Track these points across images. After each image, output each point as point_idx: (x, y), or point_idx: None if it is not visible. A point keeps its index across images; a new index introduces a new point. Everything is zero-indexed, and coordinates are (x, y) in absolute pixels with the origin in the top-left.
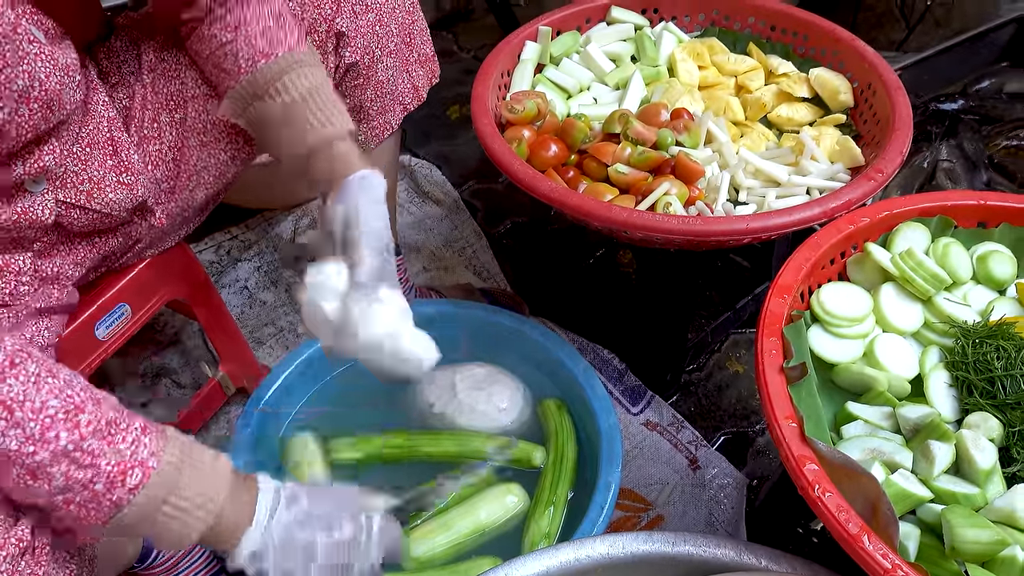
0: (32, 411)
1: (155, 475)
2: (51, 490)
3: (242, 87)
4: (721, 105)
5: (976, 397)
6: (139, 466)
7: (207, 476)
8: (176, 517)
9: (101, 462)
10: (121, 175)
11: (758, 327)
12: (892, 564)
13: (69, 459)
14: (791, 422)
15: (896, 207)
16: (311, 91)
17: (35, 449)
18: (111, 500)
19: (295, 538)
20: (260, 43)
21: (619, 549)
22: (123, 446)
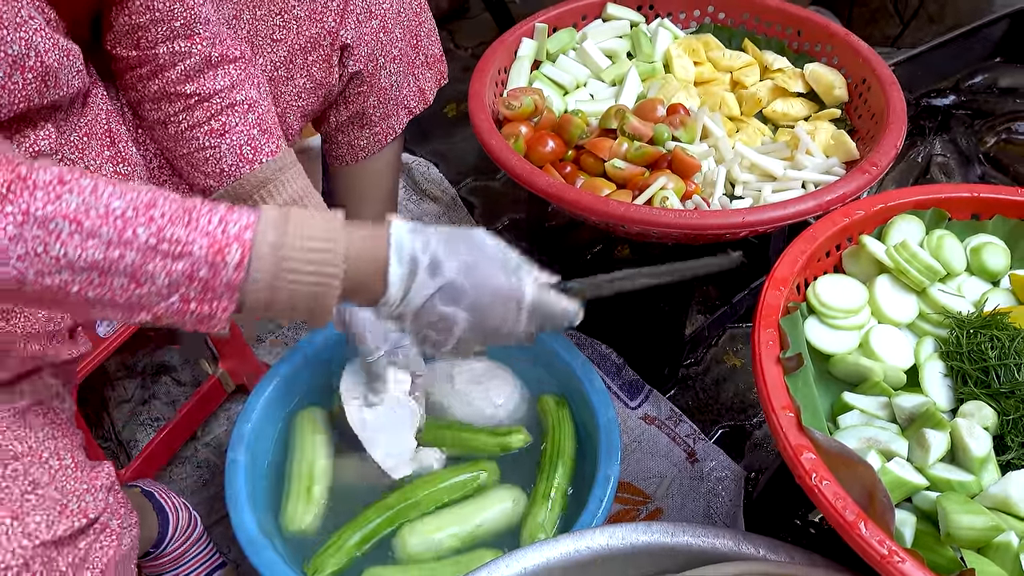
0: (99, 217)
1: (257, 242)
2: (161, 291)
3: (224, 192)
4: (717, 101)
5: (971, 386)
6: (236, 241)
7: (316, 232)
8: (299, 281)
9: (193, 248)
10: (118, 165)
11: (755, 319)
12: (888, 550)
13: (158, 253)
14: (788, 412)
15: (891, 200)
16: (297, 199)
17: (120, 252)
18: (224, 283)
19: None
20: (245, 151)
21: (618, 540)
22: (210, 227)
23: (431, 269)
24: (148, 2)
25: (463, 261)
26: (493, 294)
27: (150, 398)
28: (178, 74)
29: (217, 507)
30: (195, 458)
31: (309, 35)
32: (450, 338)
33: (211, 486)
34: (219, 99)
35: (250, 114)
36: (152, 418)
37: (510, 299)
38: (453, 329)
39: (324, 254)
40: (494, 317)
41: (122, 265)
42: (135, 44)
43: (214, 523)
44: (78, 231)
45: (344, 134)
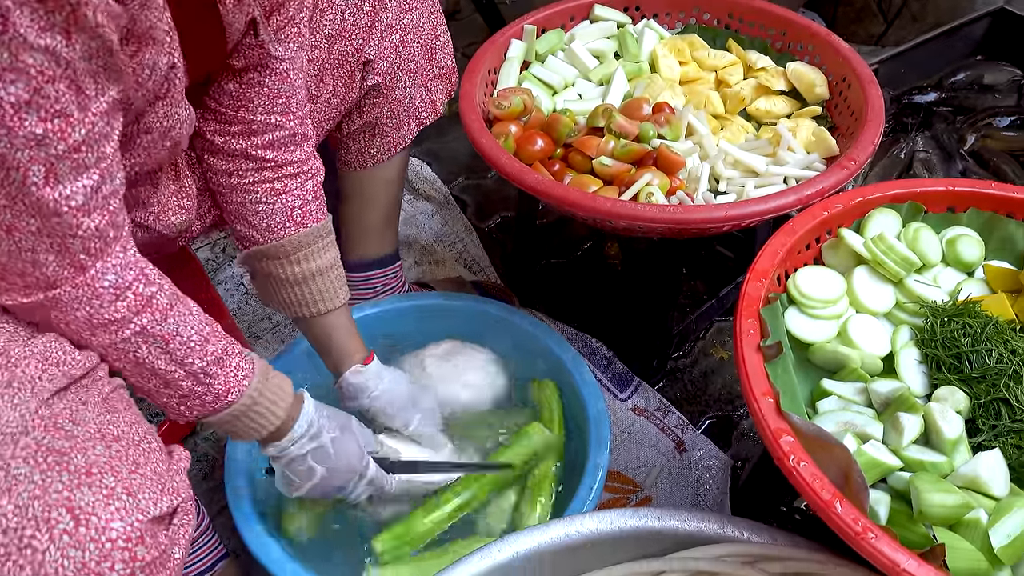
0: (180, 344)
1: (245, 395)
2: (173, 395)
3: (266, 248)
4: (701, 99)
5: (944, 372)
6: (236, 386)
7: (278, 401)
8: (247, 425)
9: (216, 383)
10: (182, 200)
11: (737, 309)
12: (862, 527)
13: (195, 378)
14: (768, 398)
15: (868, 194)
16: (326, 268)
17: (175, 369)
18: (212, 408)
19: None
20: (295, 214)
21: (607, 525)
22: (230, 371)
23: (314, 435)
24: (260, 78)
25: (336, 435)
26: (347, 464)
27: None
28: (265, 141)
29: (217, 499)
30: (195, 452)
31: (339, 52)
32: (305, 484)
33: (211, 479)
34: (291, 168)
35: (310, 182)
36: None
37: (355, 469)
38: (312, 478)
39: (271, 416)
40: (341, 478)
41: (169, 376)
42: (236, 108)
43: (214, 515)
44: (163, 348)
45: (356, 141)
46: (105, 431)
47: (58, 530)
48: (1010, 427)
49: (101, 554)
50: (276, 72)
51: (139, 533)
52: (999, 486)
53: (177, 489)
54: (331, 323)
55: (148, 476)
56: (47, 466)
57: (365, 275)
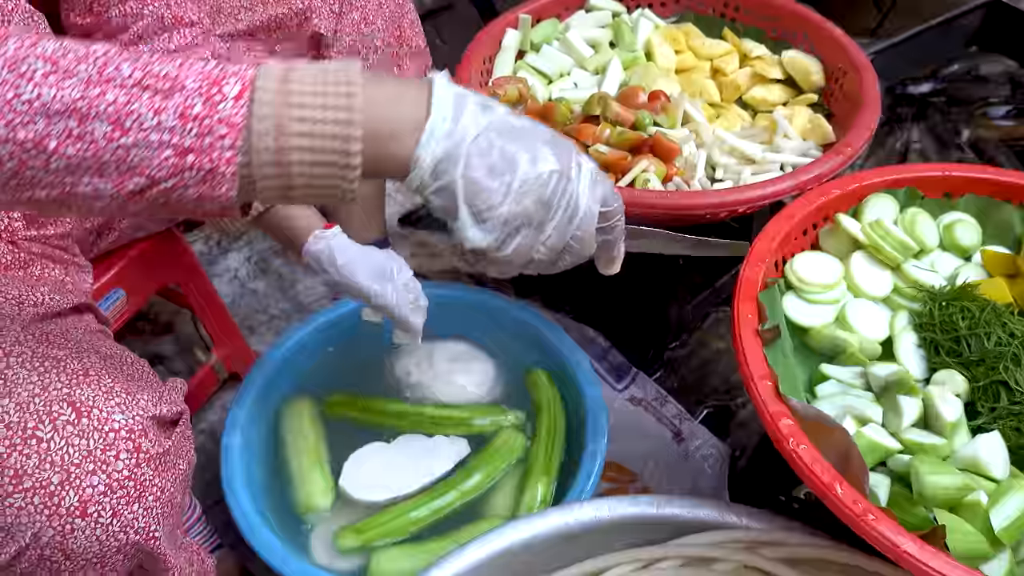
0: (77, 58)
1: (260, 78)
2: (151, 140)
3: None
4: (697, 88)
5: (943, 356)
6: (234, 76)
7: (327, 67)
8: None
9: (185, 82)
10: None
11: (734, 294)
12: (863, 508)
13: (145, 89)
14: (767, 381)
15: (865, 179)
16: None
17: (101, 89)
18: (223, 120)
19: (492, 145)
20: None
21: (606, 512)
22: (204, 66)
23: (483, 105)
24: None
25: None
26: (547, 134)
27: None
28: (129, 36)
29: (211, 492)
30: None
31: (274, 14)
32: (513, 179)
33: (206, 472)
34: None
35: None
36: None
37: (571, 152)
38: (516, 167)
39: (339, 88)
40: (557, 155)
41: (103, 104)
42: (88, 9)
43: (209, 507)
44: (54, 71)
45: None
46: (98, 348)
47: (61, 421)
48: (1009, 409)
49: (105, 443)
50: None
51: (141, 426)
52: (999, 468)
53: (175, 400)
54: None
55: (144, 385)
56: (44, 369)
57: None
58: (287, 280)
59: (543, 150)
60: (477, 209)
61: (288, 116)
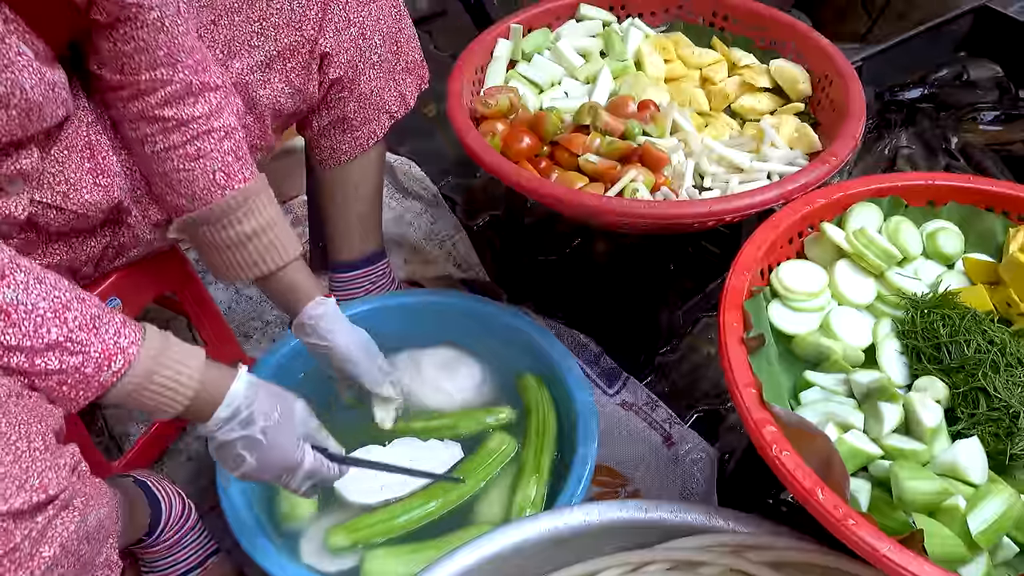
0: (25, 312)
1: (136, 361)
2: (48, 372)
3: (196, 216)
4: (686, 97)
5: (924, 363)
6: (121, 353)
7: (182, 369)
8: (153, 399)
9: (90, 349)
10: (98, 177)
11: (720, 302)
12: (843, 513)
13: (61, 348)
14: (751, 389)
15: (850, 188)
16: (266, 226)
17: (31, 343)
18: (99, 382)
19: (235, 449)
20: (219, 178)
21: (595, 516)
22: (107, 336)
23: (244, 422)
24: (132, 32)
25: (271, 423)
26: (281, 456)
27: None
28: (158, 99)
29: (208, 497)
30: (187, 450)
31: (288, 42)
32: (237, 470)
33: (202, 477)
34: (196, 125)
35: (226, 141)
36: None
37: (290, 465)
38: (241, 466)
39: (180, 388)
40: (273, 471)
41: (28, 350)
42: (119, 69)
43: (205, 512)
44: (5, 320)
45: (327, 139)
46: None
47: None
48: (988, 415)
49: None
50: (147, 23)
51: None
52: (977, 473)
53: (46, 486)
54: (285, 279)
55: (7, 474)
56: None
57: (351, 275)
58: None
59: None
60: (220, 463)
61: (141, 392)
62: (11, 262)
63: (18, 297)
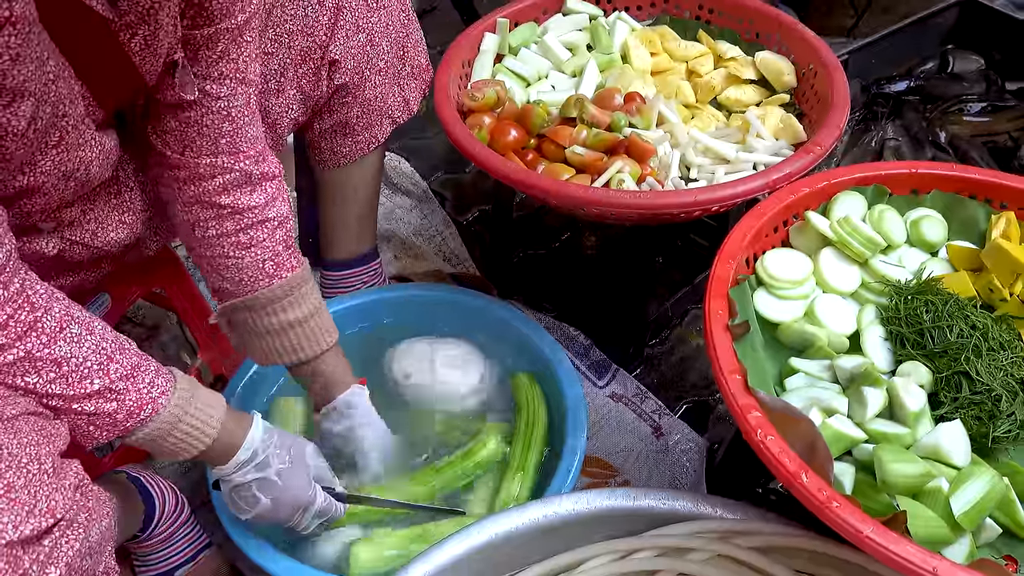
0: (75, 366)
1: (163, 411)
2: (82, 413)
3: (241, 302)
4: (673, 89)
5: (908, 348)
6: (152, 403)
7: (207, 418)
8: (174, 445)
9: (126, 398)
10: (124, 215)
11: (706, 291)
12: (827, 496)
13: (100, 396)
14: (736, 375)
15: (834, 177)
16: (309, 315)
17: (74, 392)
18: (125, 427)
19: (250, 491)
20: (268, 267)
21: (584, 505)
22: (142, 386)
23: (260, 465)
24: (198, 116)
25: (285, 466)
26: (294, 497)
27: None
28: (216, 186)
29: (200, 491)
30: None
31: (300, 48)
32: (250, 511)
33: (193, 472)
34: (252, 215)
35: (278, 231)
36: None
37: (301, 504)
38: (255, 507)
39: (201, 436)
40: (286, 511)
41: (69, 398)
42: (180, 150)
43: (197, 507)
44: (55, 371)
45: (327, 141)
46: None
47: None
48: (970, 399)
49: None
50: (214, 110)
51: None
52: (960, 456)
53: (52, 509)
54: (321, 365)
55: (18, 500)
56: None
57: (344, 273)
58: None
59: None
60: (232, 506)
61: (165, 439)
62: (66, 314)
63: (71, 351)
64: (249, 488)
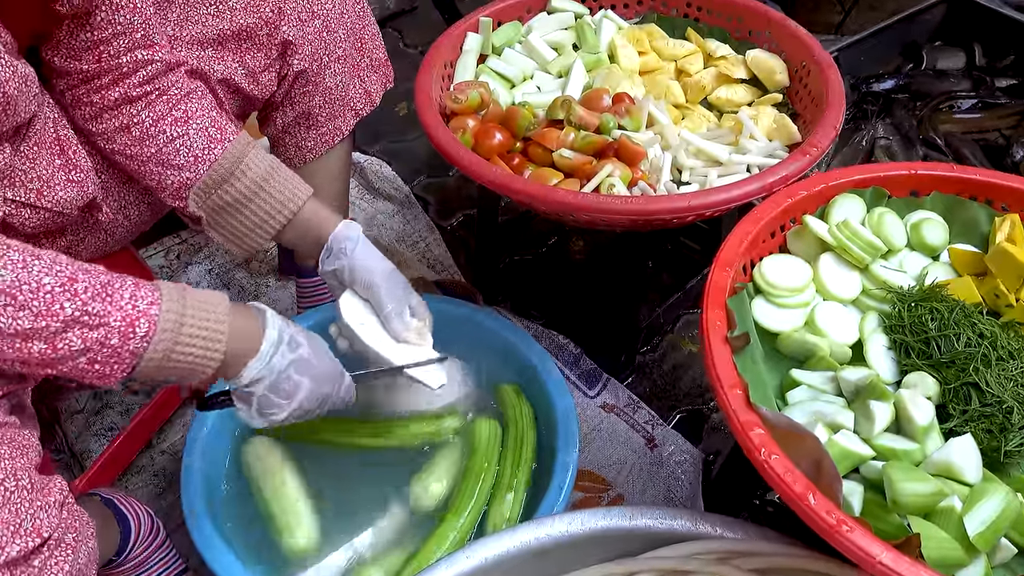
0: (31, 292)
1: (161, 320)
2: (73, 354)
3: (208, 179)
4: (662, 89)
5: (913, 358)
6: (143, 316)
7: (210, 313)
8: (190, 354)
9: (109, 319)
10: (70, 173)
11: (703, 300)
12: (836, 519)
13: (79, 324)
14: (736, 390)
15: (832, 180)
16: (273, 169)
17: (47, 323)
18: (129, 351)
19: (290, 377)
20: (213, 132)
21: (578, 526)
22: (123, 302)
23: (292, 344)
24: (110, 17)
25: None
26: (329, 370)
27: (103, 408)
28: (140, 79)
29: (175, 515)
30: (152, 467)
31: (244, 23)
32: (291, 402)
33: (168, 494)
34: (176, 89)
35: (204, 99)
36: (106, 428)
37: (337, 375)
38: (297, 394)
39: (213, 335)
40: (327, 387)
41: (45, 333)
42: (96, 58)
43: (172, 531)
44: (12, 304)
45: (291, 136)
46: None
47: None
48: (980, 411)
49: None
50: (122, 6)
51: None
52: (972, 472)
53: (40, 528)
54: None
55: (0, 520)
56: None
57: (317, 280)
58: (249, 293)
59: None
60: (263, 411)
61: (175, 352)
62: (1, 243)
63: (19, 277)
64: (287, 373)
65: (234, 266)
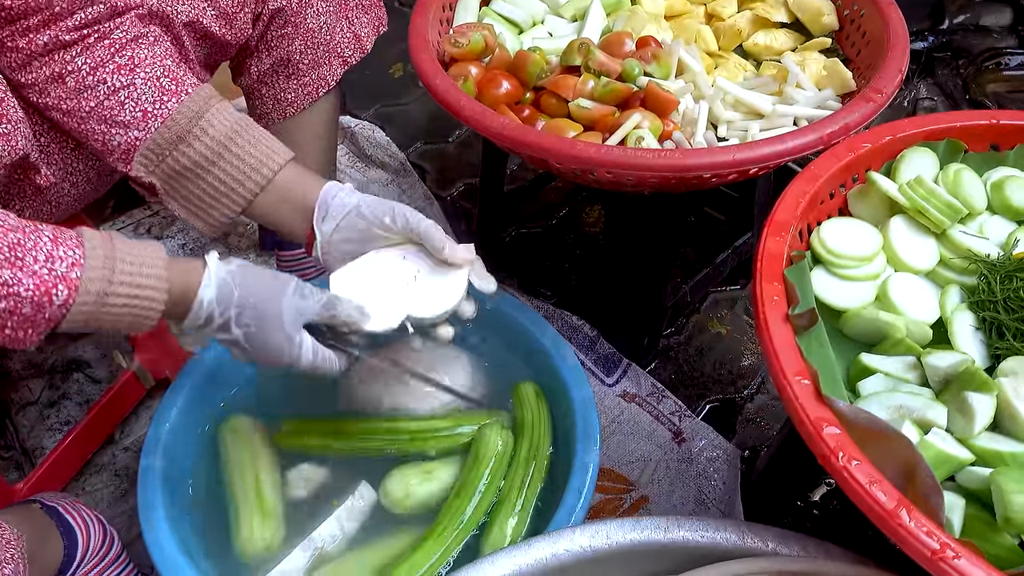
0: None
1: (83, 284)
2: None
3: (159, 138)
4: (691, 35)
5: (1009, 340)
6: (61, 281)
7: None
8: (124, 310)
9: (19, 289)
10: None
11: (754, 271)
12: (940, 543)
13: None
14: (803, 379)
15: (900, 131)
16: (240, 126)
17: None
18: (44, 318)
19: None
20: (166, 83)
21: (603, 540)
22: (36, 266)
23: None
24: None
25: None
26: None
27: (60, 399)
28: (76, 22)
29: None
30: (113, 465)
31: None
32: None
33: (131, 496)
34: (121, 32)
35: (157, 46)
36: (62, 421)
37: (284, 361)
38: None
39: (148, 291)
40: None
41: None
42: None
43: (136, 537)
44: None
45: (268, 86)
46: None
47: None
48: None
49: None
50: None
51: None
52: None
53: None
54: (284, 184)
55: None
56: None
57: (299, 252)
58: None
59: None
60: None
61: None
62: None
63: None
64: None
65: (210, 241)
